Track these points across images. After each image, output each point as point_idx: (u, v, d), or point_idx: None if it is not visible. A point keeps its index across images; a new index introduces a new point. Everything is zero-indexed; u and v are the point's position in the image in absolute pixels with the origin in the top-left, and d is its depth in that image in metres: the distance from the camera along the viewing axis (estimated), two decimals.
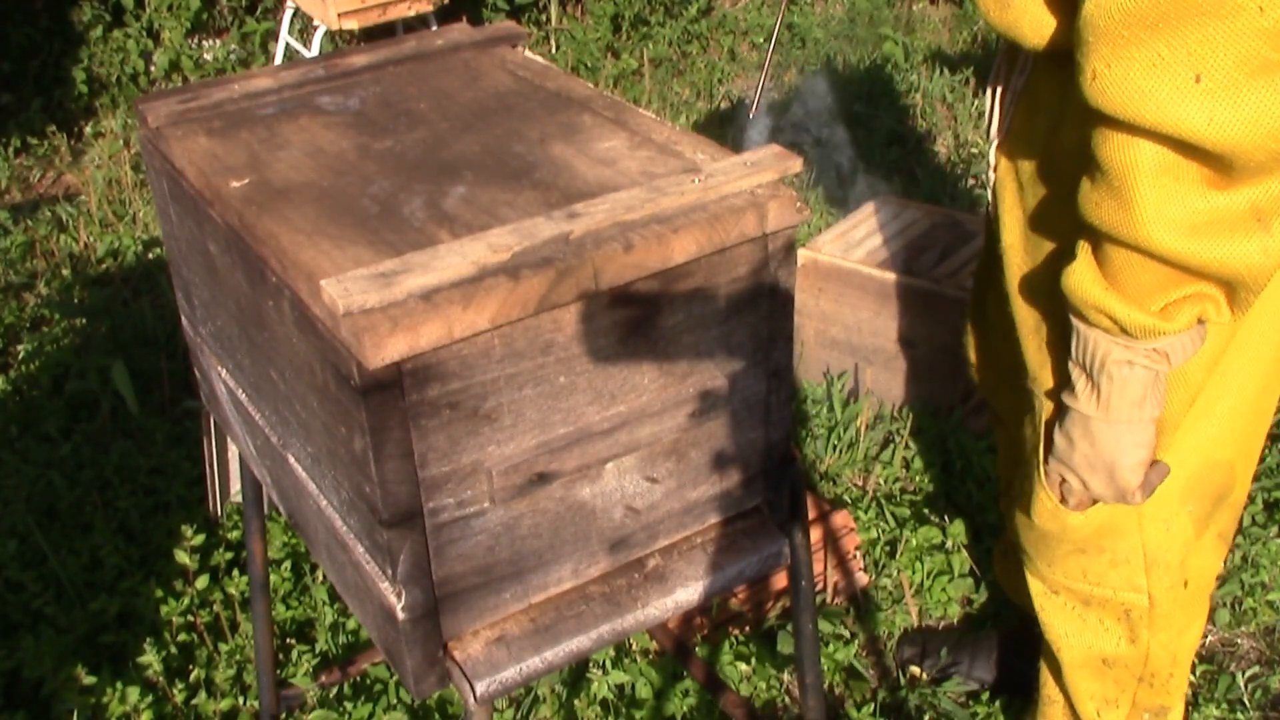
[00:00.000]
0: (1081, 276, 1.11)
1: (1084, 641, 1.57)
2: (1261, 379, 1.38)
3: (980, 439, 2.46)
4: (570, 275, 0.95)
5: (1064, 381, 1.27)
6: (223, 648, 2.04)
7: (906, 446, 2.52)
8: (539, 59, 1.38)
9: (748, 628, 2.10)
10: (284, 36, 4.24)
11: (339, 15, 3.74)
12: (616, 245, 0.97)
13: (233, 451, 2.27)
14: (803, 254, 2.64)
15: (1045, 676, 1.67)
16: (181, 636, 2.07)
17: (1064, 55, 1.07)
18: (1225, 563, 2.22)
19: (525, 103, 1.26)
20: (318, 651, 2.05)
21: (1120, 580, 1.49)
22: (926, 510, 2.35)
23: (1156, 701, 1.60)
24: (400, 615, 1.03)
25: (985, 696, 1.98)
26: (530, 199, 1.06)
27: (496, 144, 1.17)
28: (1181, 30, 0.92)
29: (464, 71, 1.35)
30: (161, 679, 1.94)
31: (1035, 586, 1.58)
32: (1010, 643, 2.01)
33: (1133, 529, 1.43)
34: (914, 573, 2.22)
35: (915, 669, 2.05)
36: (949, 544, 2.24)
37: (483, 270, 0.94)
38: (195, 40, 4.79)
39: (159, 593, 2.13)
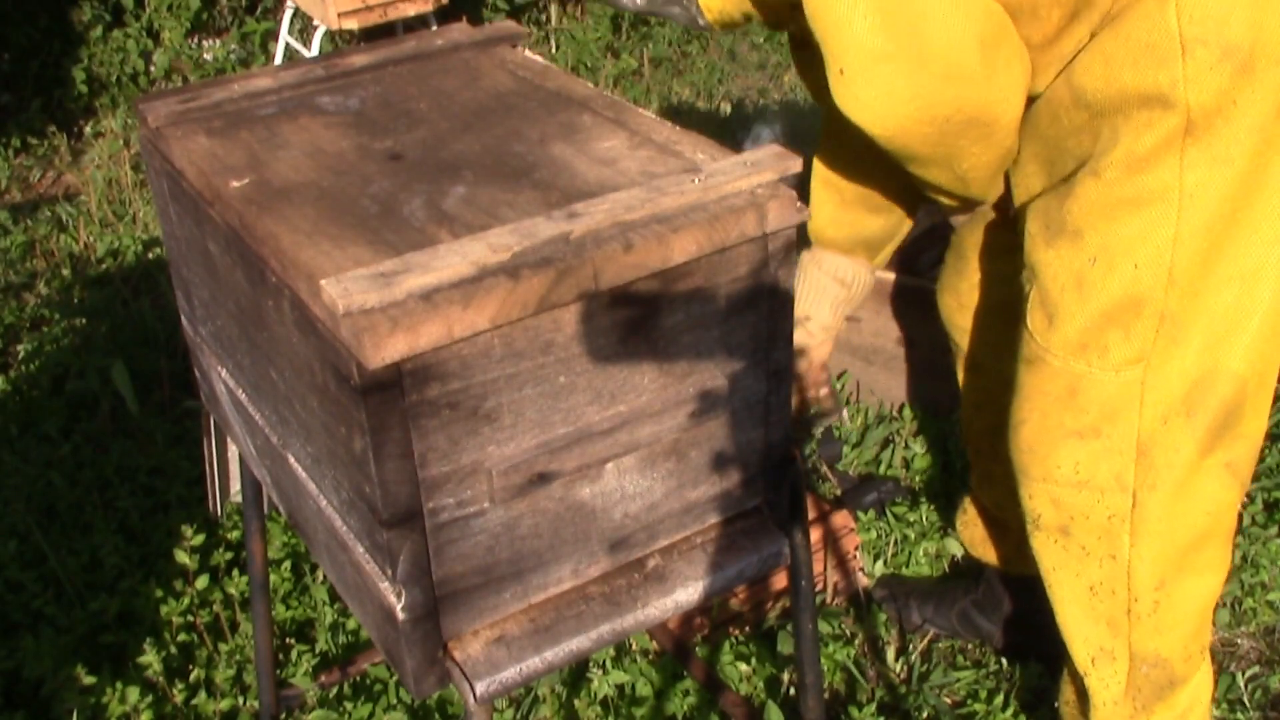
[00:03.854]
0: None
1: (1071, 570, 1.59)
2: (1260, 280, 1.41)
3: None
4: (570, 275, 0.95)
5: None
6: (223, 648, 2.04)
7: (906, 447, 2.52)
8: (539, 59, 1.38)
9: (748, 628, 2.10)
10: (284, 36, 4.24)
11: (339, 15, 3.74)
12: (616, 245, 0.97)
13: (233, 451, 2.27)
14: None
15: (1064, 680, 1.69)
16: (181, 636, 2.07)
17: None
18: None
19: (525, 102, 1.26)
20: (318, 651, 2.05)
21: (1108, 475, 1.50)
22: (926, 510, 2.35)
23: (1151, 647, 1.58)
24: (400, 615, 1.03)
25: (984, 695, 1.98)
26: (530, 199, 1.06)
27: (496, 144, 1.17)
28: None
29: (464, 71, 1.35)
30: (161, 679, 1.94)
31: (1029, 522, 1.61)
32: (975, 599, 2.10)
33: (1132, 417, 1.46)
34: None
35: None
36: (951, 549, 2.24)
37: (483, 270, 0.94)
38: (195, 40, 4.79)
39: (159, 593, 2.13)
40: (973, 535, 2.03)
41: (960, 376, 1.93)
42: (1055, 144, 1.47)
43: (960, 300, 1.85)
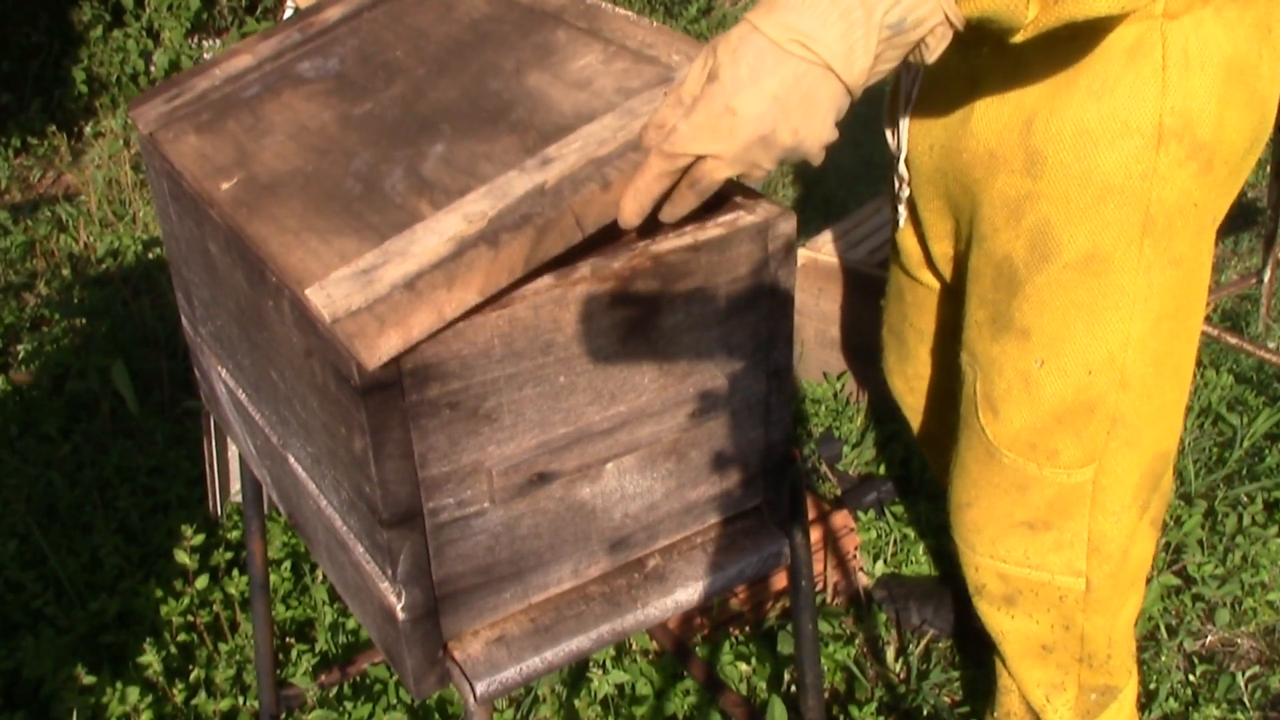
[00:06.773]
0: None
1: (1021, 634, 1.59)
2: (1191, 367, 1.43)
3: None
4: (551, 228, 0.93)
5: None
6: (223, 648, 2.03)
7: (906, 447, 2.52)
8: None
9: (748, 628, 2.10)
10: None
11: None
12: (594, 185, 0.95)
13: (233, 451, 2.27)
14: (803, 254, 2.64)
15: (999, 666, 1.70)
16: (181, 636, 2.07)
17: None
18: (1225, 562, 2.23)
19: (500, 27, 1.23)
20: (318, 651, 2.05)
21: (1060, 563, 1.50)
22: (926, 510, 2.35)
23: (1100, 681, 1.62)
24: (400, 615, 1.02)
25: (983, 694, 1.98)
26: (507, 145, 1.04)
27: (473, 84, 1.15)
28: None
29: (437, 3, 1.32)
30: (161, 679, 1.94)
31: (971, 587, 1.61)
32: (965, 599, 2.08)
33: (1083, 512, 1.46)
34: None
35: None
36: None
37: (461, 244, 0.93)
38: (195, 40, 4.79)
39: (159, 593, 2.13)
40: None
41: (921, 449, 1.91)
42: (974, 196, 1.37)
43: (910, 384, 1.81)
